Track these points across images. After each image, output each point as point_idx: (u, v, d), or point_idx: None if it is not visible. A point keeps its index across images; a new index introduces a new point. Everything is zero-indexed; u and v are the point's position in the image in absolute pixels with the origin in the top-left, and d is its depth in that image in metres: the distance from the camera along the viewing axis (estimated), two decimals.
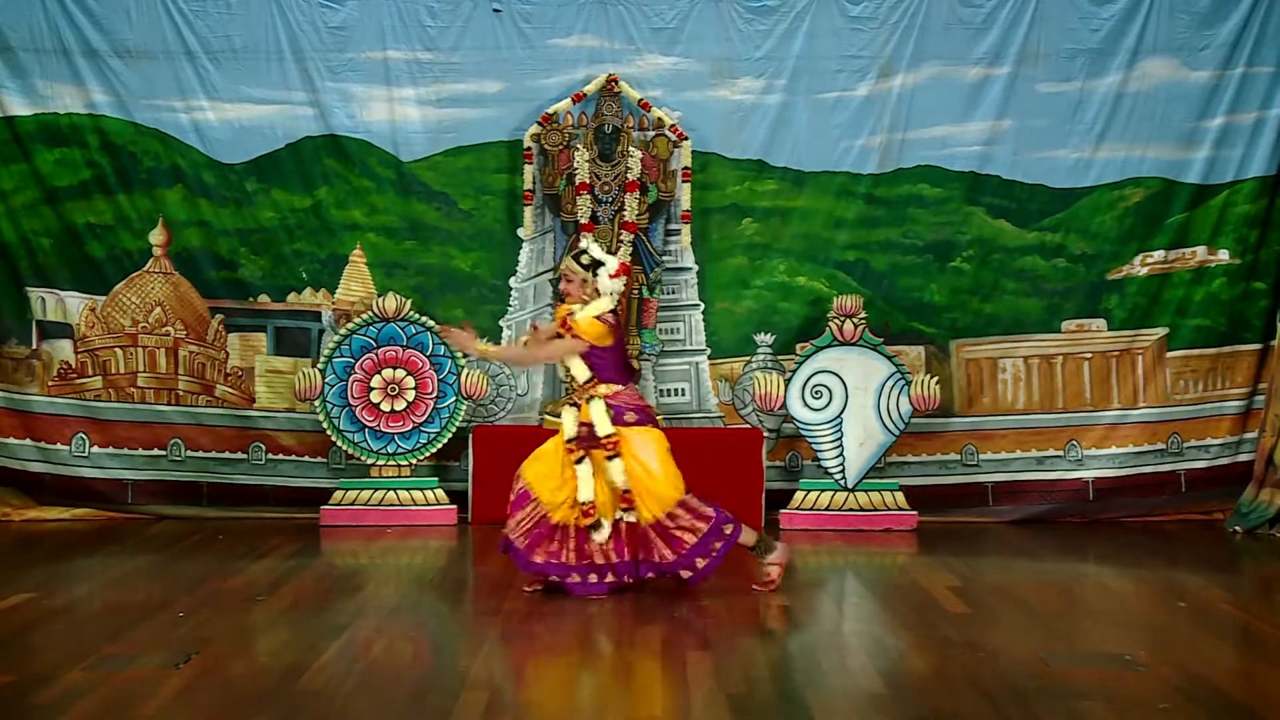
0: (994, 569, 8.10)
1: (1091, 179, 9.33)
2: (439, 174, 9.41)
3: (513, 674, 5.67)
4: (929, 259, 9.39)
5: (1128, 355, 9.35)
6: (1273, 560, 8.20)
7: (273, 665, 5.60)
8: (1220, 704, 5.17)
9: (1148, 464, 9.30)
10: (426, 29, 9.36)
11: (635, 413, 6.86)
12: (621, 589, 6.83)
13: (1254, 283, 9.28)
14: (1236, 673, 5.76)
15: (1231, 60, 9.17)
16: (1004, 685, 5.34)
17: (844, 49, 9.33)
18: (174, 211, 9.26)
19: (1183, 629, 6.45)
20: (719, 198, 9.44)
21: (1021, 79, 9.27)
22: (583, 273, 6.82)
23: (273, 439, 9.31)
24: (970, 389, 9.38)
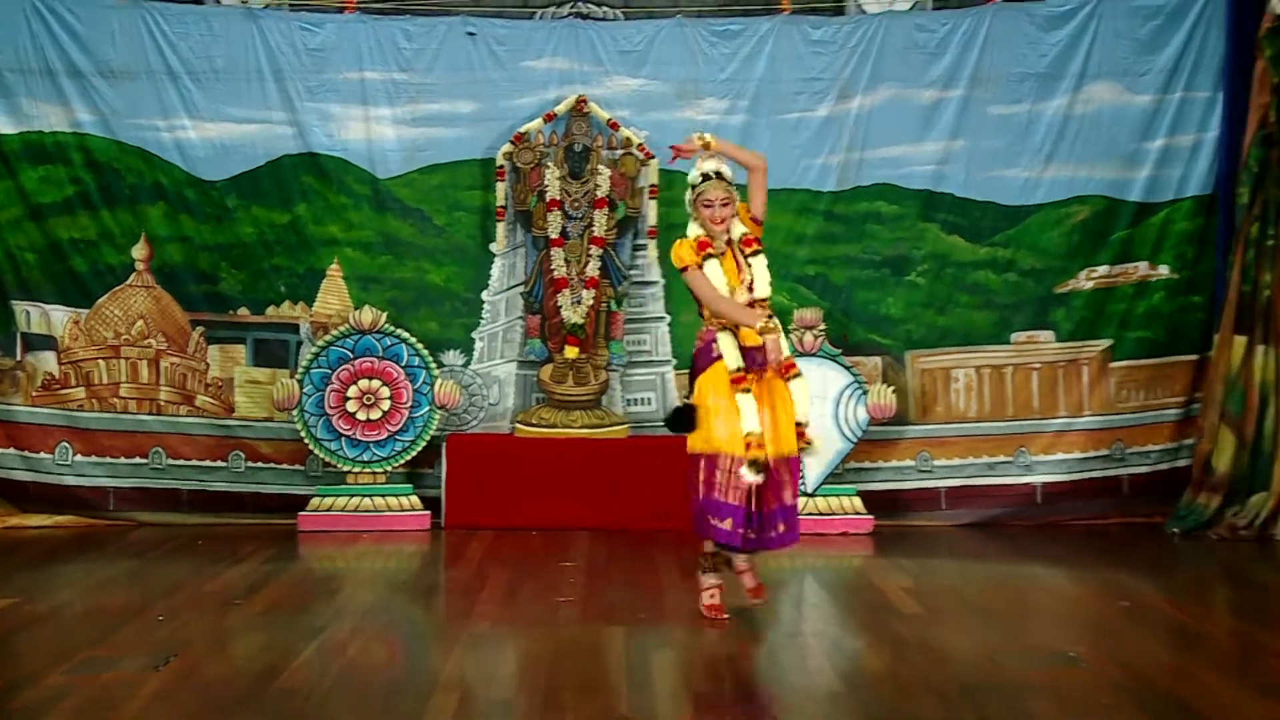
0: (947, 571, 8.13)
1: (1040, 197, 9.36)
2: (414, 191, 9.40)
3: (483, 675, 5.66)
4: (886, 273, 9.43)
5: (1074, 366, 9.40)
6: (1209, 561, 8.25)
7: (250, 667, 5.58)
8: (1160, 700, 5.20)
9: (1092, 469, 9.35)
10: (402, 51, 9.35)
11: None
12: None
13: (1192, 297, 9.34)
14: (1175, 670, 5.78)
15: (1171, 85, 9.24)
16: (956, 683, 5.37)
17: (804, 72, 9.36)
18: (156, 227, 9.21)
19: (1125, 628, 6.49)
20: (684, 214, 9.28)
21: (973, 101, 9.32)
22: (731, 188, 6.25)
23: (252, 447, 9.26)
24: (925, 398, 9.42)
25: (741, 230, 6.28)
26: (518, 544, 8.41)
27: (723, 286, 6.16)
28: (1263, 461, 8.85)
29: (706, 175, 6.29)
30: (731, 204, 6.24)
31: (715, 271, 6.18)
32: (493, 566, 7.76)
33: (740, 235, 6.27)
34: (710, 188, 6.25)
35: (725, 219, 6.22)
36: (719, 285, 6.16)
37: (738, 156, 6.37)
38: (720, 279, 6.18)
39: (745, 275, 6.21)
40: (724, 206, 6.22)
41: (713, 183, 6.26)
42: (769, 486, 6.18)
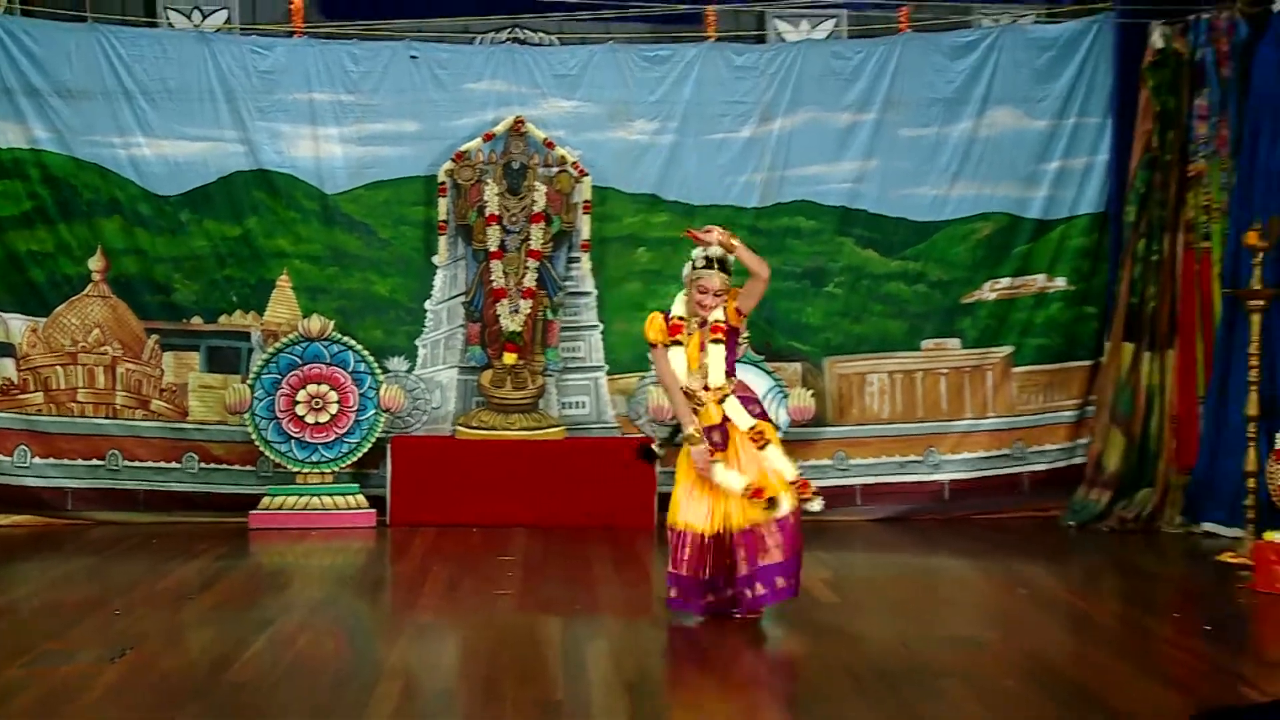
0: (862, 563, 8.18)
1: (947, 214, 9.45)
2: (360, 206, 9.33)
3: (426, 664, 5.63)
4: (805, 284, 9.47)
5: (979, 371, 9.50)
6: (1101, 552, 8.35)
7: (203, 659, 5.52)
8: (1057, 680, 5.28)
9: (995, 467, 9.44)
10: (349, 73, 9.28)
11: (755, 404, 6.16)
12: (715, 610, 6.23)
13: (1085, 307, 9.47)
14: (1071, 653, 5.88)
15: (1065, 112, 9.37)
16: (870, 667, 5.41)
17: (729, 95, 9.40)
18: (112, 240, 9.08)
19: (1025, 613, 6.57)
20: (616, 228, 9.46)
21: (886, 124, 9.40)
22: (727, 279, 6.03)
23: (205, 449, 9.15)
24: (841, 401, 9.48)
25: (717, 317, 6.05)
26: (459, 540, 8.38)
27: (683, 371, 6.07)
28: (1149, 459, 8.99)
29: (710, 262, 6.05)
30: (724, 297, 6.04)
31: (678, 357, 6.09)
32: (435, 562, 7.72)
33: (711, 321, 6.05)
34: (710, 276, 6.03)
35: (711, 308, 6.05)
36: (679, 369, 6.07)
37: (749, 263, 6.00)
38: (682, 364, 6.08)
39: (703, 361, 6.07)
40: (716, 297, 6.02)
41: (714, 273, 6.03)
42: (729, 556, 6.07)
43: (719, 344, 6.05)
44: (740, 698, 5.16)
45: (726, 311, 6.06)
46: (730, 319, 6.08)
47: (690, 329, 6.12)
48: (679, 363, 6.09)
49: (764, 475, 5.99)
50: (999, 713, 4.84)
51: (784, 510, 5.99)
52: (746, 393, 6.20)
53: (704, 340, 6.08)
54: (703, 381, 6.06)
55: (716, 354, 6.04)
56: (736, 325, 6.14)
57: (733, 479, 5.99)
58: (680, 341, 6.10)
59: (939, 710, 4.88)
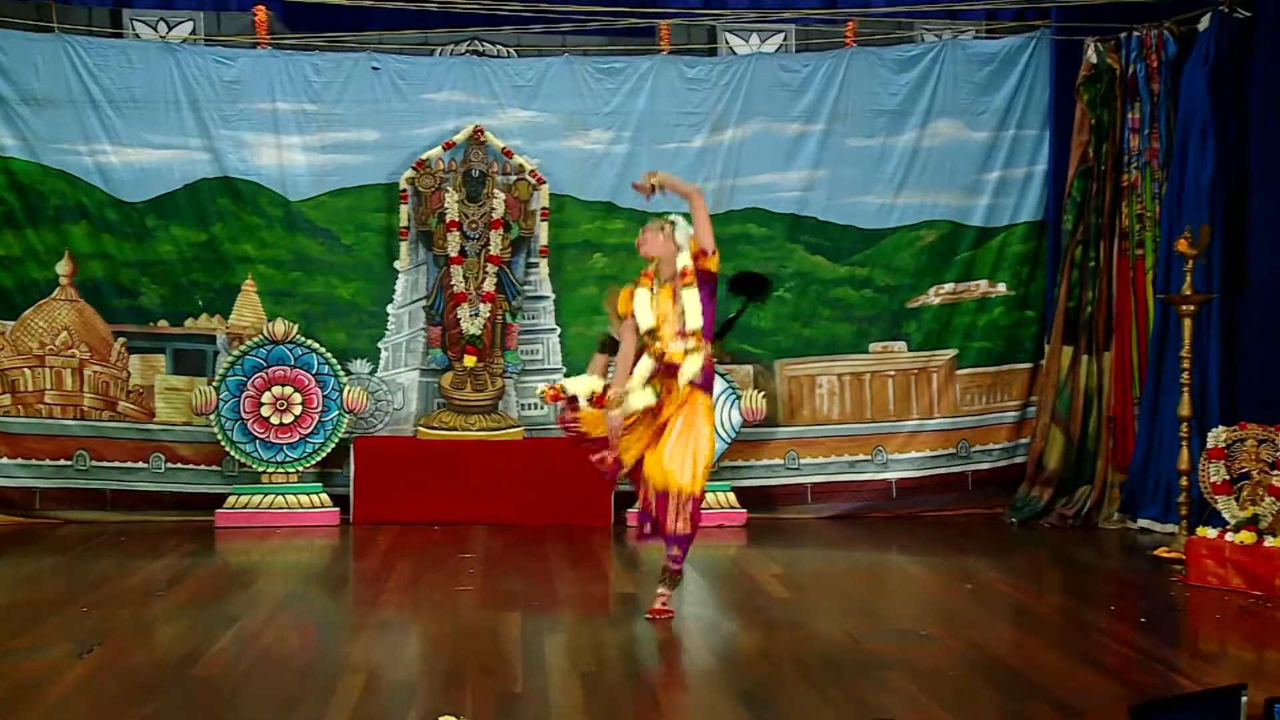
0: (812, 559, 8.23)
1: (893, 221, 9.51)
2: (323, 212, 9.28)
3: (389, 658, 5.61)
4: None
5: (924, 373, 9.56)
6: (1042, 547, 8.42)
7: (170, 654, 5.48)
8: (999, 670, 5.33)
9: (941, 466, 9.51)
10: (311, 83, 9.24)
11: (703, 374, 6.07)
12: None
13: (1026, 311, 9.56)
14: (1012, 643, 5.93)
15: (1005, 123, 9.46)
16: (820, 659, 5.45)
17: (681, 106, 9.42)
18: (79, 245, 8.98)
19: (969, 607, 6.62)
20: (573, 235, 9.46)
21: (833, 134, 9.45)
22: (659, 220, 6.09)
23: (171, 449, 9.07)
24: (792, 402, 9.52)
25: (684, 263, 6.02)
26: (421, 538, 8.35)
27: (648, 318, 6.03)
28: (1087, 458, 9.08)
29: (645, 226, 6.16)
30: (661, 233, 6.05)
31: (642, 301, 6.07)
32: (398, 558, 7.69)
33: (680, 268, 6.02)
34: (646, 233, 6.11)
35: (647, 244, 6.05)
36: (644, 316, 6.04)
37: (677, 188, 6.14)
38: (646, 310, 6.05)
39: (680, 306, 6.02)
40: (653, 234, 6.06)
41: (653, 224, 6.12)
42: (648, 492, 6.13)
43: (691, 288, 5.98)
44: (693, 690, 5.17)
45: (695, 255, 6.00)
46: (699, 263, 5.99)
47: (659, 282, 6.07)
48: (644, 310, 6.04)
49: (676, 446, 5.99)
50: (943, 702, 4.88)
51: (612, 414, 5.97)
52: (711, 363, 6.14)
53: (676, 289, 6.02)
54: (680, 326, 5.98)
55: (691, 296, 5.97)
56: (707, 267, 6.02)
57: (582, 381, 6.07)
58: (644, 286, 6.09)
59: (886, 700, 4.91)
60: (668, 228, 6.08)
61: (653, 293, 6.08)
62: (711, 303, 6.08)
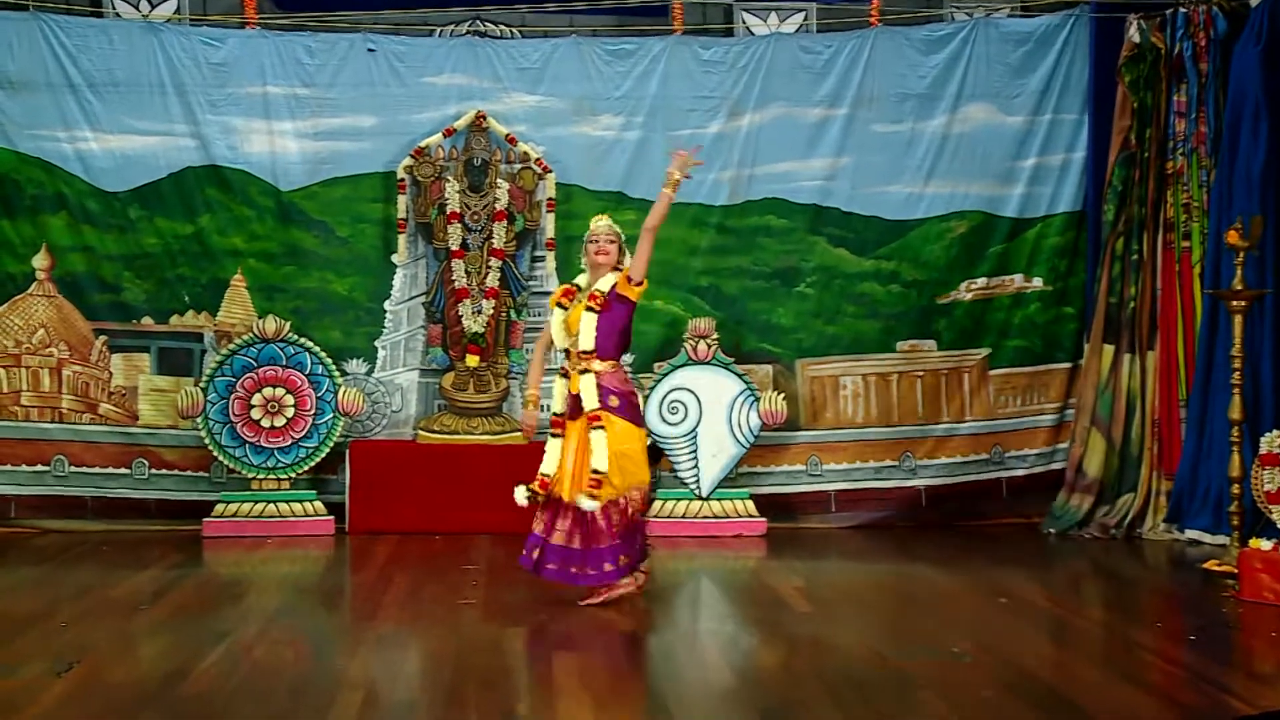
0: (836, 571, 8.21)
1: (921, 212, 9.50)
2: (317, 203, 9.29)
3: (387, 674, 5.60)
4: (776, 284, 9.50)
5: (955, 373, 9.54)
6: (1082, 558, 8.40)
7: (155, 671, 5.47)
8: (1036, 689, 5.30)
9: (973, 473, 9.48)
10: (304, 66, 9.24)
11: (619, 398, 6.59)
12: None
13: (1064, 308, 9.53)
14: (1051, 661, 5.90)
15: (1040, 108, 9.43)
16: (845, 677, 5.42)
17: (696, 90, 9.42)
18: (58, 237, 9.00)
19: (1004, 623, 6.59)
20: (581, 227, 9.23)
21: (858, 120, 9.44)
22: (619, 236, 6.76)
23: (156, 454, 9.08)
24: (814, 404, 9.50)
25: (599, 287, 6.62)
26: (421, 548, 8.35)
27: (559, 334, 6.71)
28: (1130, 464, 9.06)
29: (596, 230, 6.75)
30: (617, 240, 6.73)
31: (556, 320, 6.73)
32: (396, 570, 7.69)
33: (591, 290, 6.64)
34: (597, 229, 6.76)
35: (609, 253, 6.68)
36: (556, 333, 6.72)
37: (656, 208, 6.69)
38: (558, 328, 6.70)
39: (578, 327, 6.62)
40: (609, 242, 6.70)
41: (599, 222, 6.80)
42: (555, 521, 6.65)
43: (592, 312, 6.58)
44: (710, 709, 5.15)
45: (618, 281, 6.59)
46: (620, 287, 6.59)
47: (580, 298, 6.67)
48: (555, 326, 6.73)
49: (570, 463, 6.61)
50: None
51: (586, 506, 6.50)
52: (624, 386, 6.66)
53: (584, 303, 6.62)
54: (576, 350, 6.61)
55: (588, 321, 6.58)
56: (627, 294, 6.61)
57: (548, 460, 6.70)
58: (564, 306, 6.71)
59: None
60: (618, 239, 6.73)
61: (568, 311, 6.70)
62: (623, 326, 6.68)
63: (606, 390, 6.58)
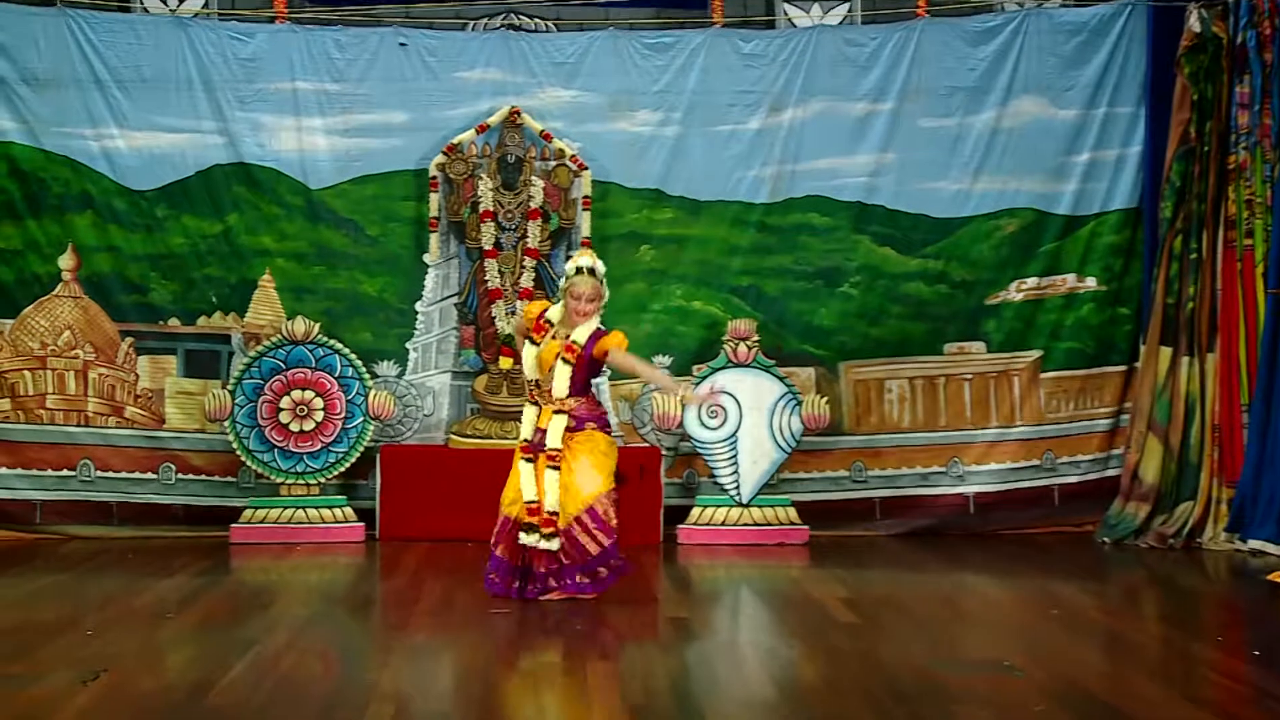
0: (881, 581, 8.17)
1: (970, 209, 9.46)
2: (347, 201, 9.33)
3: (419, 686, 5.60)
4: (819, 284, 9.47)
5: (1005, 376, 9.49)
6: (1138, 569, 8.34)
7: (181, 681, 5.49)
8: (1090, 706, 5.25)
9: (1024, 479, 9.43)
10: (334, 61, 9.29)
11: (594, 422, 6.93)
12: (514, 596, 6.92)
13: (1119, 308, 9.47)
14: (1105, 675, 5.85)
15: (1095, 101, 9.37)
16: (890, 691, 5.39)
17: (737, 84, 9.40)
18: (84, 237, 9.08)
19: (1056, 635, 6.54)
20: (618, 225, 9.46)
21: (904, 114, 9.40)
22: (602, 289, 6.87)
23: (183, 459, 9.13)
24: (858, 408, 9.47)
25: (582, 336, 6.78)
26: (453, 555, 8.35)
27: (530, 367, 6.92)
28: (1189, 471, 8.98)
29: (579, 269, 6.83)
30: (596, 303, 6.81)
31: (529, 355, 6.93)
32: (428, 578, 7.70)
33: (568, 340, 6.78)
34: (580, 282, 6.80)
35: (588, 313, 6.80)
36: (528, 366, 6.94)
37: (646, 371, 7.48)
38: (530, 362, 6.92)
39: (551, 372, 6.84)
40: (589, 302, 6.79)
41: (584, 278, 6.80)
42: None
43: (568, 364, 6.77)
44: None
45: (600, 343, 6.76)
46: (596, 351, 6.78)
47: (555, 333, 6.86)
48: (527, 359, 6.95)
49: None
50: None
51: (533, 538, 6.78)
52: (595, 411, 6.95)
53: (560, 352, 6.79)
54: (548, 388, 6.84)
55: (563, 372, 6.78)
56: (600, 359, 6.86)
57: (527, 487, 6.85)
58: (535, 341, 6.89)
59: None
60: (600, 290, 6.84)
61: (539, 347, 6.90)
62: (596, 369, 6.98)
63: (582, 419, 6.86)
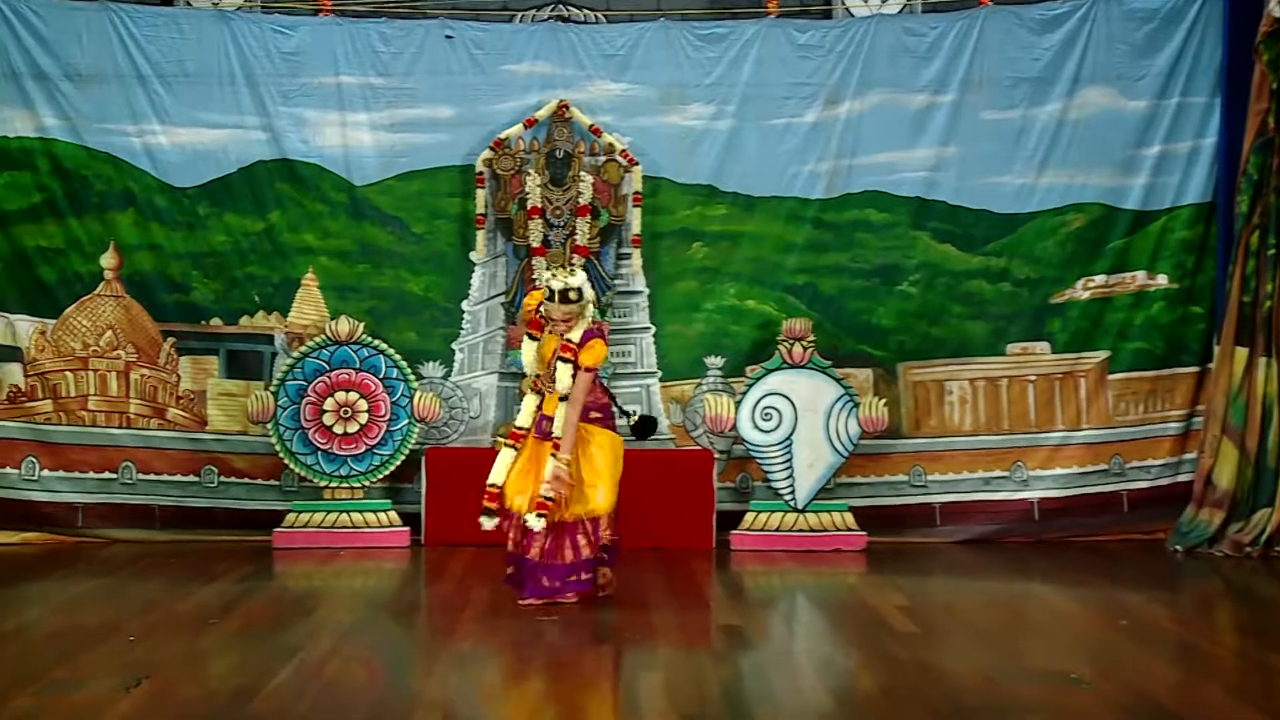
0: (942, 589, 8.13)
1: (1034, 205, 9.38)
2: (392, 198, 9.38)
3: (466, 694, 5.63)
4: (876, 283, 9.43)
5: (1071, 378, 9.41)
6: (1212, 578, 8.26)
7: (224, 689, 5.54)
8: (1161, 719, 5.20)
9: (1091, 484, 9.35)
10: (379, 54, 9.34)
11: (599, 411, 7.07)
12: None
13: (1191, 307, 9.37)
14: (1178, 689, 5.79)
15: (1167, 90, 9.28)
16: (951, 703, 5.36)
17: (792, 76, 9.38)
18: (125, 235, 9.17)
19: (1126, 647, 6.49)
20: (669, 222, 9.46)
21: (965, 106, 9.34)
22: (578, 309, 7.01)
23: (225, 462, 9.22)
24: (918, 411, 9.42)
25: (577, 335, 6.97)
26: (500, 561, 8.30)
27: (531, 364, 7.15)
28: (1267, 476, 8.86)
29: (552, 294, 7.00)
30: (572, 320, 7.00)
31: (528, 350, 7.16)
32: (475, 584, 7.73)
33: (565, 340, 6.98)
34: (552, 309, 7.02)
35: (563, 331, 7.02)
36: (528, 362, 7.17)
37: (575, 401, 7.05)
38: (530, 358, 7.15)
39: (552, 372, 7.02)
40: (564, 322, 7.01)
41: (555, 305, 7.00)
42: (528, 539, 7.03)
43: (567, 363, 6.97)
44: None
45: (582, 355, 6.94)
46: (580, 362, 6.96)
47: (550, 332, 7.07)
48: (527, 355, 7.16)
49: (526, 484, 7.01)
50: None
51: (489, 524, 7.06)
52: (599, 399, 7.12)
53: (557, 350, 7.01)
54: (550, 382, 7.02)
55: (564, 370, 6.97)
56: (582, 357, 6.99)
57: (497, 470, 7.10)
58: (535, 337, 7.12)
59: None
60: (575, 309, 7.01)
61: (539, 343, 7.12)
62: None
63: (586, 408, 7.00)
